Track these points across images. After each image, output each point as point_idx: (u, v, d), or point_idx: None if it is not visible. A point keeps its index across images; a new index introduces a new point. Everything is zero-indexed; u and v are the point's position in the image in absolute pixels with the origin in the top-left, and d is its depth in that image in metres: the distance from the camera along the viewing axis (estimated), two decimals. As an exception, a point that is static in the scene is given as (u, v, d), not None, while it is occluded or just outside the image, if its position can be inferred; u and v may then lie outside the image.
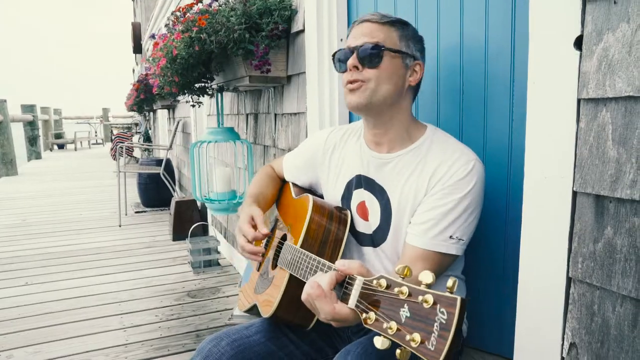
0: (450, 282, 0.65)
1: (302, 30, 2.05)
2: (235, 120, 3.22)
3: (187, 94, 2.44)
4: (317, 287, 0.85)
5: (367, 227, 1.27)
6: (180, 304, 2.98)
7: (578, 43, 0.88)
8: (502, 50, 1.29)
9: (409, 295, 0.68)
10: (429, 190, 1.12)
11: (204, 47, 2.04)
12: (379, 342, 0.71)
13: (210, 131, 2.59)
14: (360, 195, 1.28)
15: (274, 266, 1.34)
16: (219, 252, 3.72)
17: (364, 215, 1.27)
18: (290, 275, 1.17)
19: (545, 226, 0.98)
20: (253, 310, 1.44)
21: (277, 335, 1.32)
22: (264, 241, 1.50)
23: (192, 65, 2.11)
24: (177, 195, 5.12)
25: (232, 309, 2.88)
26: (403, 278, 0.73)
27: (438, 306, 0.63)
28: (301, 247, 1.16)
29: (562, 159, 0.93)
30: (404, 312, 0.68)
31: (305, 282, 1.06)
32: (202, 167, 2.61)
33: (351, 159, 1.32)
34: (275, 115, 2.49)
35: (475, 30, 1.36)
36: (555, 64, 0.92)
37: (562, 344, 0.96)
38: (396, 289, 0.71)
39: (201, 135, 2.61)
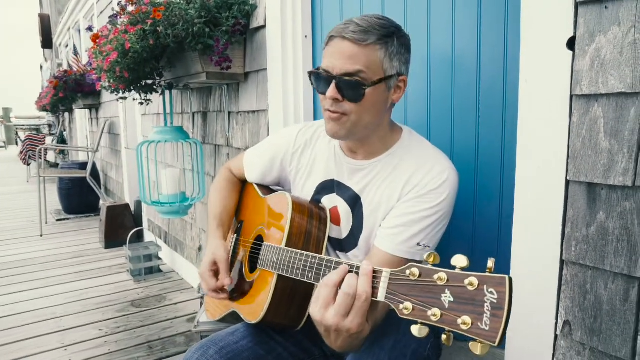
0: (490, 264, 0.67)
1: (263, 26, 2.02)
2: (179, 119, 3.08)
3: (133, 91, 2.29)
4: (368, 288, 0.80)
5: (338, 232, 1.26)
6: (125, 315, 2.79)
7: (570, 44, 0.95)
8: (495, 54, 1.36)
9: (448, 280, 0.70)
10: (402, 197, 1.13)
11: (159, 41, 1.92)
12: (416, 330, 0.72)
13: (158, 130, 2.45)
14: (332, 200, 1.27)
15: (252, 269, 1.30)
16: (160, 258, 3.54)
17: (336, 221, 1.26)
18: (279, 276, 1.14)
19: (538, 214, 1.05)
20: (228, 317, 1.39)
21: (265, 339, 1.28)
22: (232, 242, 1.45)
23: (145, 60, 1.99)
24: (106, 200, 4.78)
25: (182, 316, 2.76)
26: (430, 264, 0.75)
27: (485, 287, 0.65)
28: (286, 246, 1.14)
29: (555, 151, 1.00)
30: (446, 297, 0.69)
31: (300, 282, 1.03)
32: (148, 169, 2.46)
33: (324, 162, 1.30)
34: (229, 113, 2.42)
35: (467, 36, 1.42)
36: (548, 63, 0.99)
37: (556, 323, 1.04)
38: (435, 276, 0.72)
39: (149, 135, 2.46)
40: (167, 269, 3.60)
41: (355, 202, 1.23)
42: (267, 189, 1.49)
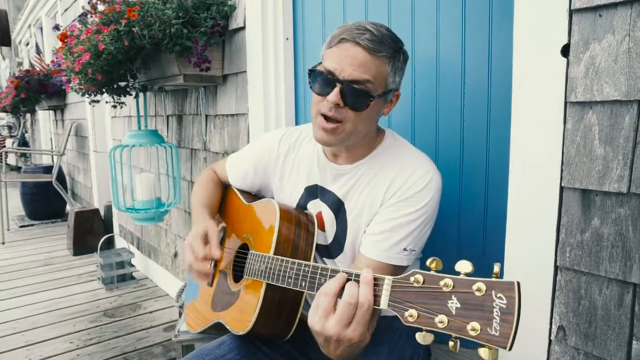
0: (496, 269, 0.66)
1: (243, 28, 1.97)
2: (152, 122, 2.98)
3: (106, 94, 2.20)
4: (370, 297, 0.78)
5: (324, 238, 1.24)
6: (98, 326, 2.68)
7: (564, 51, 0.95)
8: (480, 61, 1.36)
9: (454, 286, 0.69)
10: (385, 202, 1.11)
11: (134, 42, 1.85)
12: (421, 338, 0.71)
13: (132, 134, 2.36)
14: (316, 205, 1.25)
15: (237, 278, 1.26)
16: (133, 265, 3.42)
17: (321, 226, 1.24)
18: (268, 285, 1.10)
19: (532, 220, 1.05)
20: (211, 329, 1.34)
21: (252, 350, 1.25)
22: None
23: (119, 61, 1.90)
24: (73, 206, 4.60)
25: (159, 325, 2.67)
26: (434, 271, 0.73)
27: (494, 292, 0.64)
28: (274, 254, 1.10)
29: (548, 158, 1.00)
30: (453, 304, 0.68)
31: (289, 290, 1.00)
32: (122, 174, 2.37)
33: (308, 167, 1.27)
34: (207, 116, 2.35)
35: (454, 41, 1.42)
36: (542, 70, 0.99)
37: (550, 328, 1.04)
38: (441, 282, 0.70)
39: (123, 139, 2.37)
40: (140, 275, 3.49)
41: (338, 208, 1.20)
42: (250, 196, 1.45)
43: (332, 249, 1.24)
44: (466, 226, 1.45)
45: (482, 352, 0.64)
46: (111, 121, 3.68)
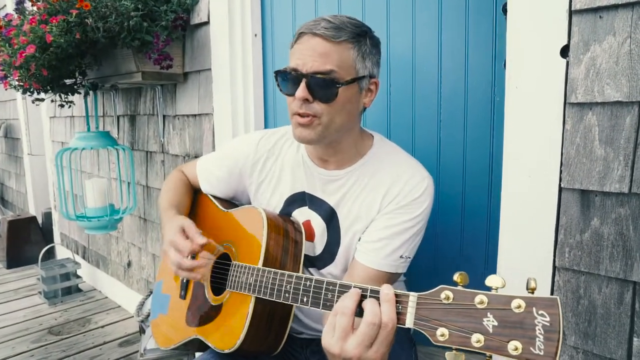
0: (533, 284, 0.64)
1: (206, 23, 1.85)
2: (100, 123, 2.76)
3: (50, 92, 1.99)
4: (394, 316, 0.72)
5: (311, 248, 1.18)
6: (42, 346, 2.44)
7: (563, 51, 0.95)
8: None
9: (489, 303, 0.65)
10: (382, 209, 1.08)
11: (87, 35, 1.68)
12: (452, 357, 0.67)
13: (81, 136, 2.16)
14: (304, 214, 1.19)
15: (217, 291, 1.17)
16: (79, 277, 3.17)
17: (310, 236, 1.18)
18: (257, 299, 1.03)
19: (529, 222, 1.05)
20: (187, 345, 1.24)
21: None
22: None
23: (69, 56, 1.72)
24: (5, 214, 4.21)
25: (113, 340, 2.48)
26: (462, 285, 0.70)
27: (534, 309, 0.62)
28: (263, 266, 1.04)
29: (547, 159, 1.00)
30: (489, 322, 0.65)
31: (278, 304, 0.95)
32: (71, 179, 2.16)
33: (292, 173, 1.21)
34: (164, 117, 2.21)
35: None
36: (540, 70, 0.99)
37: (549, 328, 1.04)
38: (476, 299, 0.66)
39: (71, 141, 2.16)
40: (87, 287, 3.24)
41: (330, 216, 1.15)
42: (226, 202, 1.36)
43: (321, 260, 1.18)
44: (441, 227, 1.45)
45: None
46: (50, 122, 3.38)
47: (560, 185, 0.99)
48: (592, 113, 0.93)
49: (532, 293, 0.63)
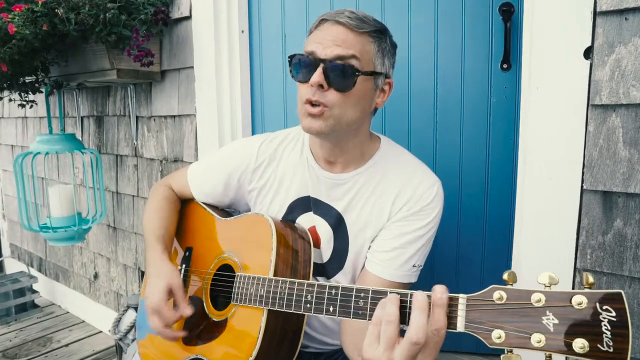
0: (591, 279, 0.62)
1: (188, 17, 1.74)
2: (60, 124, 2.56)
3: (7, 90, 1.81)
4: (445, 320, 0.68)
5: (318, 256, 1.14)
6: (-2, 372, 2.23)
7: (587, 53, 0.95)
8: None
9: (547, 300, 0.63)
10: (393, 215, 1.04)
11: (56, 27, 1.54)
12: None
13: (44, 139, 1.99)
14: (309, 220, 1.13)
15: (219, 305, 1.10)
16: (35, 292, 2.93)
17: (316, 243, 1.13)
18: (269, 312, 0.97)
19: (550, 224, 1.04)
20: None
21: None
22: (180, 275, 1.21)
23: (35, 50, 1.57)
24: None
25: (86, 358, 2.30)
26: (511, 285, 0.67)
27: (598, 305, 0.59)
28: (274, 276, 0.98)
29: (569, 161, 1.00)
30: (549, 320, 0.62)
31: (290, 315, 0.92)
32: (34, 186, 1.98)
33: (295, 177, 1.15)
34: (138, 118, 2.07)
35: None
36: (562, 71, 0.98)
37: (570, 330, 1.04)
38: (532, 297, 0.64)
39: (31, 145, 1.97)
40: (45, 302, 2.99)
41: (338, 222, 1.10)
42: (221, 210, 1.28)
43: (330, 267, 1.13)
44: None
45: None
46: (1, 123, 3.11)
47: (582, 186, 0.99)
48: (616, 115, 0.94)
49: (590, 288, 0.60)
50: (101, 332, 2.57)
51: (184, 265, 1.22)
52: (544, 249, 1.06)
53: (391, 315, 0.70)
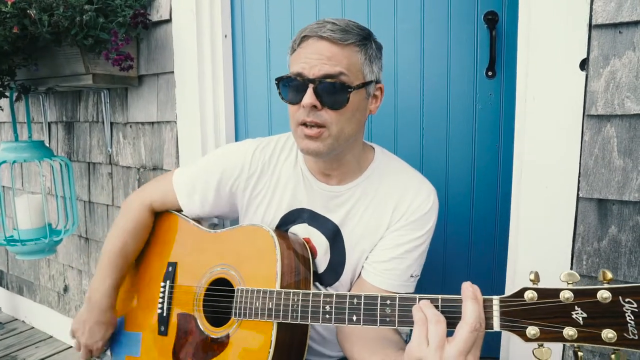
0: (609, 274, 0.66)
1: (168, 21, 1.68)
2: (25, 130, 2.42)
3: (-30, 95, 1.69)
4: (482, 321, 0.71)
5: (315, 266, 1.13)
6: (-40, 395, 2.08)
7: (582, 65, 0.97)
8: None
9: (575, 296, 0.67)
10: (392, 225, 1.04)
11: (28, 30, 1.45)
12: (541, 354, 0.69)
13: (9, 147, 1.87)
14: (304, 231, 1.12)
15: (216, 322, 1.06)
16: (-4, 307, 2.77)
17: (313, 253, 1.12)
18: (279, 325, 0.95)
19: (545, 232, 1.06)
20: None
21: None
22: (163, 292, 1.16)
23: (4, 53, 1.47)
24: None
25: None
26: (537, 284, 0.71)
27: (620, 298, 0.65)
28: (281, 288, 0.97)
29: (565, 170, 1.02)
30: (578, 314, 0.67)
31: (296, 327, 0.92)
32: (2, 197, 1.86)
33: (290, 188, 1.12)
34: (112, 124, 1.98)
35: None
36: (558, 82, 1.00)
37: (566, 335, 1.07)
38: (561, 295, 0.68)
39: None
40: (6, 318, 2.83)
41: (334, 234, 1.09)
42: (201, 222, 1.24)
43: (325, 278, 1.12)
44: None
45: (615, 357, 0.66)
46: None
47: (578, 194, 1.01)
48: (611, 125, 0.96)
49: (609, 283, 0.66)
50: (71, 347, 2.44)
51: (167, 282, 1.16)
52: (540, 255, 1.08)
53: (439, 316, 0.73)
